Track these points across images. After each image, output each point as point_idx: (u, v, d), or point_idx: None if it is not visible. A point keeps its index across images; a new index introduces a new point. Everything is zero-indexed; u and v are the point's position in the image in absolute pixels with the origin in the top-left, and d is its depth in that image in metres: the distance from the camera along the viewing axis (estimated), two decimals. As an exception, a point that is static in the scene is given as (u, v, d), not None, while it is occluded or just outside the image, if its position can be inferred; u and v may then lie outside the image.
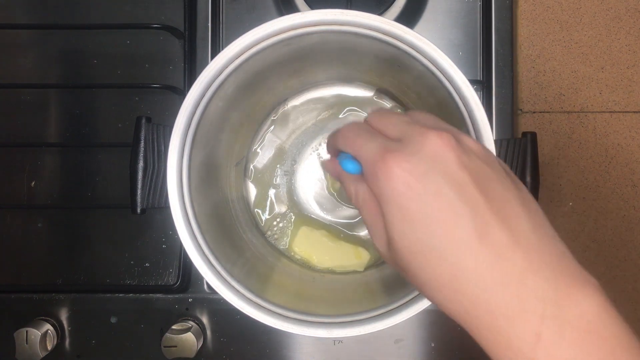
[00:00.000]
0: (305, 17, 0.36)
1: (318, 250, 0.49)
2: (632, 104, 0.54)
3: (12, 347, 0.47)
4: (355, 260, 0.48)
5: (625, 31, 0.54)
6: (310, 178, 0.50)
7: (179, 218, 0.37)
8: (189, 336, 0.47)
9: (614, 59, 0.54)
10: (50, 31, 0.53)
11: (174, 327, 0.48)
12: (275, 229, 0.50)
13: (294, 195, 0.50)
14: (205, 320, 0.50)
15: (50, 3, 0.52)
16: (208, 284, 0.48)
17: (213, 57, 0.37)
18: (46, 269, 0.52)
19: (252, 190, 0.50)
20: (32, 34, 0.53)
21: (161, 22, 0.50)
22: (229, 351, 0.51)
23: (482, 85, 0.50)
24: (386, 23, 0.36)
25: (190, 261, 0.37)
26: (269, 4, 0.52)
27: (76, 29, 0.52)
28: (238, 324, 0.50)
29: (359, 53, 0.41)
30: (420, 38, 0.36)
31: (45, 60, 0.53)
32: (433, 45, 0.36)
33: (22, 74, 0.53)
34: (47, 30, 0.53)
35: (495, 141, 0.36)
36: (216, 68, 0.37)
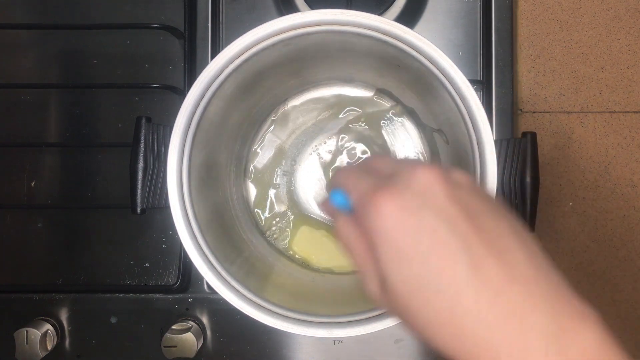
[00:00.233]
0: (305, 17, 0.36)
1: (317, 250, 0.49)
2: (632, 104, 0.54)
3: (12, 347, 0.47)
4: None
5: (625, 31, 0.54)
6: (310, 178, 0.50)
7: (179, 218, 0.37)
8: (189, 336, 0.47)
9: (614, 59, 0.54)
10: (50, 31, 0.53)
11: (174, 327, 0.48)
12: (275, 229, 0.50)
13: (294, 195, 0.50)
14: (205, 320, 0.50)
15: (50, 3, 0.53)
16: (208, 284, 0.48)
17: (213, 57, 0.37)
18: (46, 269, 0.52)
19: (252, 190, 0.50)
20: (32, 34, 0.53)
21: (161, 22, 0.50)
22: (229, 351, 0.51)
23: (482, 85, 0.50)
24: (386, 23, 0.36)
25: (190, 261, 0.37)
26: (269, 4, 0.52)
27: (76, 29, 0.52)
28: (238, 324, 0.50)
29: (359, 53, 0.41)
30: (420, 38, 0.36)
31: (45, 60, 0.53)
32: (433, 45, 0.36)
33: (22, 74, 0.53)
34: (47, 30, 0.53)
35: (495, 141, 0.36)
36: (216, 68, 0.37)
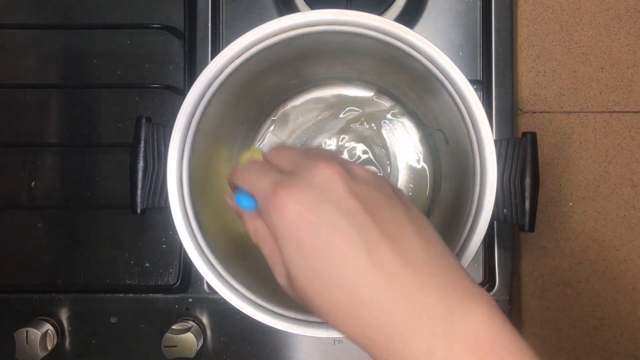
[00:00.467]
0: (305, 17, 0.36)
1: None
2: (632, 104, 0.54)
3: (12, 347, 0.47)
4: None
5: (625, 31, 0.54)
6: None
7: (179, 218, 0.37)
8: (189, 336, 0.47)
9: (614, 59, 0.54)
10: (50, 31, 0.53)
11: (174, 327, 0.48)
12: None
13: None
14: (205, 320, 0.50)
15: (50, 3, 0.52)
16: (208, 284, 0.48)
17: (213, 57, 0.37)
18: (46, 269, 0.52)
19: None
20: (32, 34, 0.53)
21: (161, 22, 0.50)
22: (229, 351, 0.51)
23: (482, 85, 0.50)
24: (386, 23, 0.36)
25: (190, 261, 0.37)
26: (269, 4, 0.52)
27: (76, 29, 0.52)
28: (238, 324, 0.50)
29: (359, 53, 0.41)
30: (420, 38, 0.36)
31: (45, 60, 0.53)
32: (433, 45, 0.36)
33: (22, 74, 0.53)
34: (47, 30, 0.53)
35: (495, 141, 0.36)
36: (216, 68, 0.37)
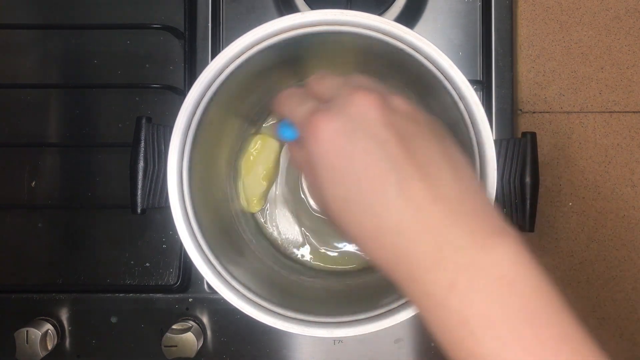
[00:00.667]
0: (305, 17, 0.36)
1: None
2: (632, 104, 0.54)
3: (12, 347, 0.47)
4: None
5: (625, 31, 0.54)
6: (310, 178, 0.50)
7: (179, 218, 0.37)
8: (189, 336, 0.47)
9: (614, 59, 0.54)
10: (50, 31, 0.53)
11: (174, 327, 0.48)
12: (275, 229, 0.50)
13: (294, 194, 0.50)
14: (205, 320, 0.50)
15: (50, 3, 0.52)
16: (208, 284, 0.48)
17: (213, 57, 0.37)
18: (46, 269, 0.52)
19: (252, 190, 0.50)
20: (32, 34, 0.53)
21: (161, 22, 0.50)
22: (229, 351, 0.51)
23: (482, 85, 0.50)
24: (386, 23, 0.36)
25: (190, 261, 0.37)
26: (269, 4, 0.52)
27: (76, 29, 0.52)
28: (238, 324, 0.50)
29: (359, 53, 0.41)
30: (420, 38, 0.36)
31: (45, 60, 0.53)
32: (433, 45, 0.36)
33: (22, 74, 0.53)
34: (48, 30, 0.53)
35: (495, 141, 0.36)
36: (216, 68, 0.37)
